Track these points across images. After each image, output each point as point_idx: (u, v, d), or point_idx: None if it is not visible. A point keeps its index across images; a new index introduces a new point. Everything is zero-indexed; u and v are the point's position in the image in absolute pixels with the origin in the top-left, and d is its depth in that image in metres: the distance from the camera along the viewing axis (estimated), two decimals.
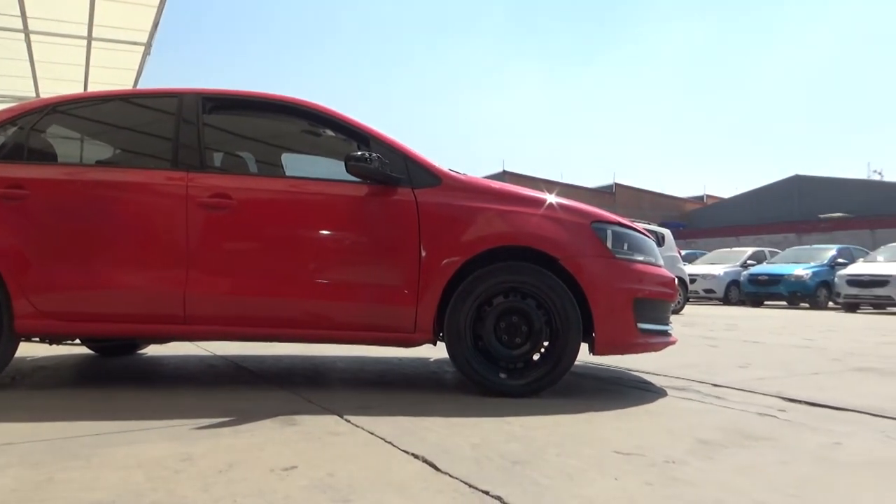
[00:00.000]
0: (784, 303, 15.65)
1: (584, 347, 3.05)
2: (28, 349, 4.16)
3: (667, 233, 11.58)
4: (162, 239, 3.04)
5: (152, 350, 4.58)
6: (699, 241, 30.68)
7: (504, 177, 33.73)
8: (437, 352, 4.06)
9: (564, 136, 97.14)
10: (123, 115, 3.49)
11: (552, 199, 3.11)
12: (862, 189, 31.47)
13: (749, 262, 16.94)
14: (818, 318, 10.60)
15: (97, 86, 11.17)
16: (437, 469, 1.81)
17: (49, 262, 2.99)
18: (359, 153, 2.96)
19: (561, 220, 3.05)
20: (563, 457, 1.95)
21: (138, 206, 3.08)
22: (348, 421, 2.38)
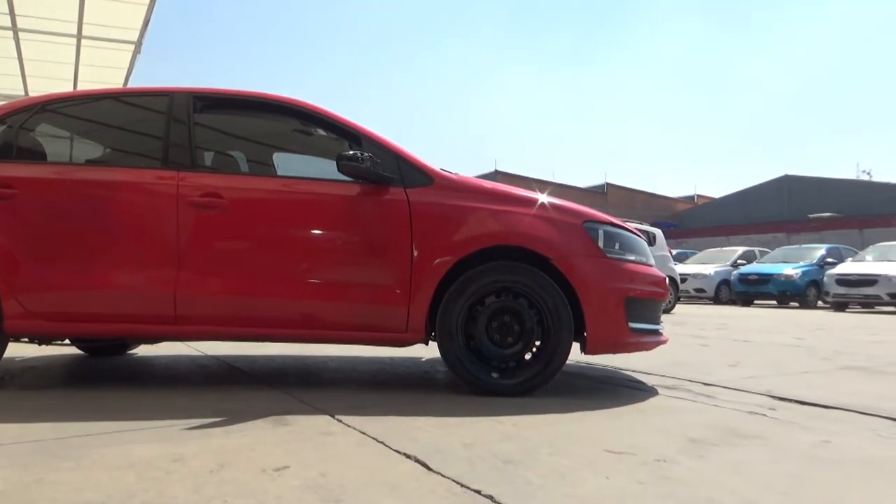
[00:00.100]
0: (774, 302, 15.77)
1: (575, 347, 3.06)
2: (17, 349, 4.13)
3: (658, 232, 11.63)
4: (152, 238, 3.02)
5: (143, 350, 4.56)
6: (690, 240, 30.81)
7: (496, 176, 33.76)
8: (429, 351, 4.06)
9: (556, 137, 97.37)
10: (113, 114, 3.47)
11: (544, 198, 3.12)
12: (851, 189, 31.71)
13: (739, 261, 17.04)
14: (808, 317, 10.67)
15: (87, 84, 11.12)
16: (429, 469, 1.81)
17: (38, 261, 2.97)
18: (350, 153, 2.95)
19: (553, 219, 3.05)
20: (554, 456, 1.96)
21: (129, 205, 3.07)
22: (340, 421, 2.38)
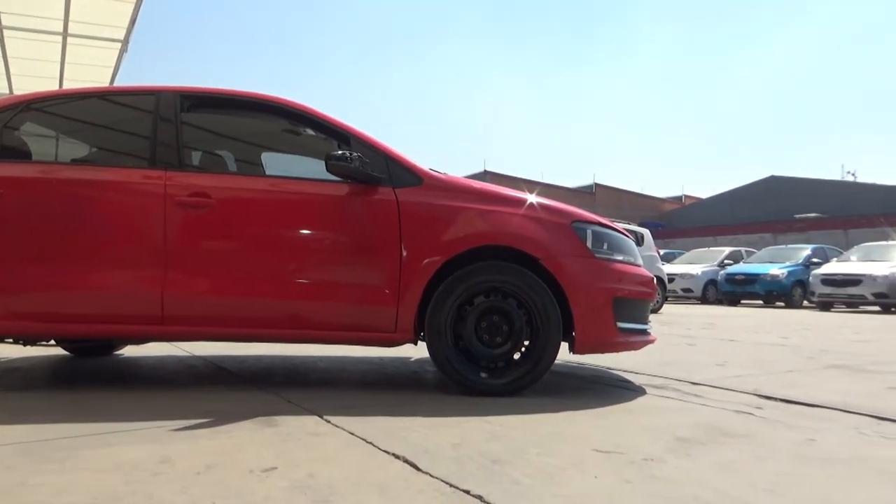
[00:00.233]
0: (760, 302, 15.89)
1: (564, 346, 3.07)
2: (1, 350, 4.09)
3: (646, 232, 11.70)
4: (139, 238, 3.00)
5: (129, 351, 4.52)
6: (677, 240, 31.00)
7: (485, 176, 33.82)
8: (418, 351, 4.05)
9: (545, 137, 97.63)
10: (100, 113, 3.44)
11: (533, 198, 3.12)
12: (836, 190, 32.03)
13: (726, 261, 17.16)
14: (793, 316, 10.77)
15: (72, 83, 11.01)
16: (417, 469, 1.81)
17: (23, 262, 2.94)
18: (339, 152, 2.94)
19: (542, 219, 3.06)
20: (543, 456, 1.96)
21: (115, 205, 3.04)
22: (329, 421, 2.37)
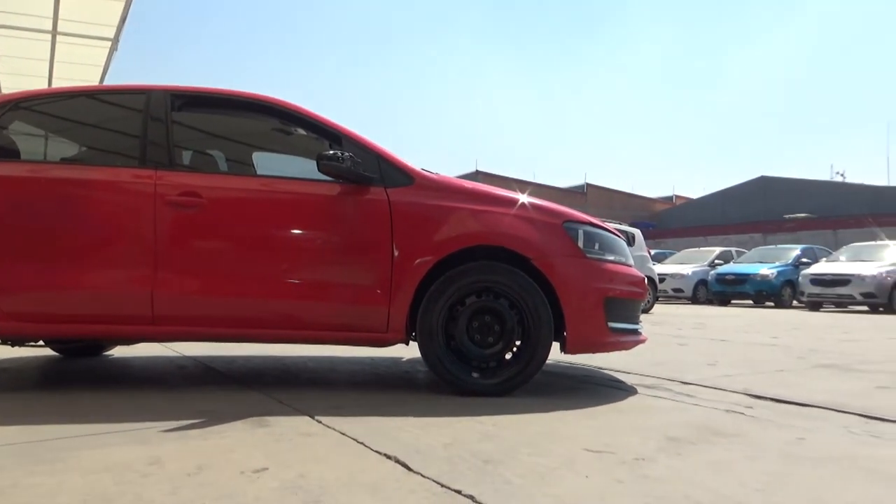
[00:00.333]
0: (750, 302, 15.98)
1: (555, 346, 3.08)
2: None
3: (637, 233, 11.72)
4: (129, 238, 2.98)
5: (119, 351, 4.49)
6: (668, 240, 31.14)
7: (477, 176, 33.82)
8: (409, 351, 4.05)
9: (537, 137, 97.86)
10: (89, 112, 3.41)
11: (525, 198, 3.13)
12: (825, 190, 32.26)
13: (716, 261, 17.24)
14: (783, 316, 10.83)
15: (62, 82, 10.93)
16: (409, 469, 1.81)
17: (12, 261, 2.91)
18: (331, 152, 2.93)
19: (533, 219, 3.06)
20: (534, 455, 1.97)
21: (105, 204, 3.02)
22: (320, 422, 2.36)
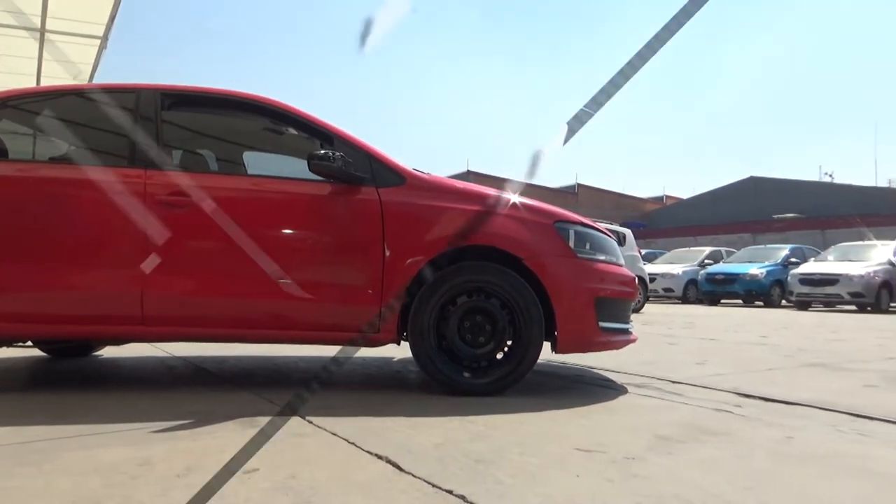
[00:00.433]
0: (740, 301, 16.08)
1: (546, 346, 3.08)
2: None
3: (628, 232, 11.77)
4: (119, 238, 2.96)
5: (108, 352, 4.46)
6: (659, 240, 31.24)
7: (468, 176, 33.83)
8: (400, 351, 4.05)
9: (528, 137, 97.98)
10: (79, 111, 3.39)
11: (516, 198, 3.13)
12: (814, 191, 32.48)
13: (706, 261, 17.35)
14: (772, 315, 10.91)
15: (50, 80, 10.84)
16: (400, 469, 1.81)
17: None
18: (322, 152, 2.93)
19: (524, 219, 3.07)
20: (525, 455, 1.97)
21: (94, 204, 3.00)
22: (311, 422, 2.36)
